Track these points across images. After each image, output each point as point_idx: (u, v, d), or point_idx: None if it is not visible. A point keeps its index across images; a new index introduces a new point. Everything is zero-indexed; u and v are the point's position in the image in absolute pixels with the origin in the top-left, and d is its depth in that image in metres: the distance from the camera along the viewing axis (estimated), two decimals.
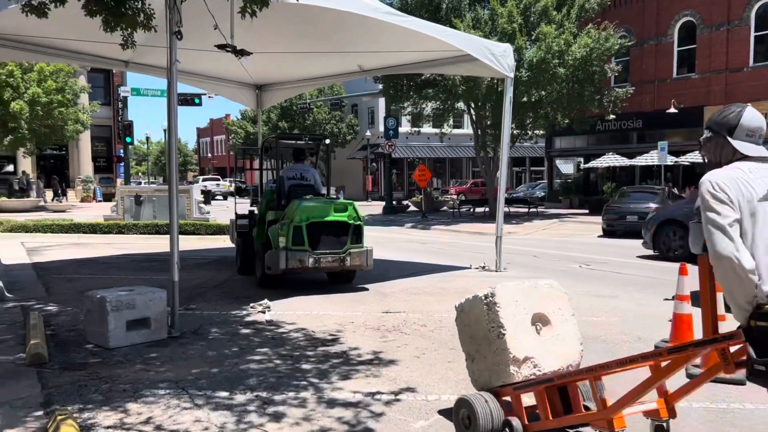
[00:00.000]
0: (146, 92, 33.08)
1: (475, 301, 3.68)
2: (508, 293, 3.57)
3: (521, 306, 3.57)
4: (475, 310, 3.65)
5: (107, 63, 11.22)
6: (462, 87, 23.30)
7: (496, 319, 3.49)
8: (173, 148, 5.89)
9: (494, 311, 3.51)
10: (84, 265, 10.65)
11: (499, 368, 3.48)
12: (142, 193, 16.88)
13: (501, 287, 3.59)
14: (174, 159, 5.89)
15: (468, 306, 3.76)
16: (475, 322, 3.66)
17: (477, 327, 3.64)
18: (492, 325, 3.51)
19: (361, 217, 8.25)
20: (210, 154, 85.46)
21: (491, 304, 3.53)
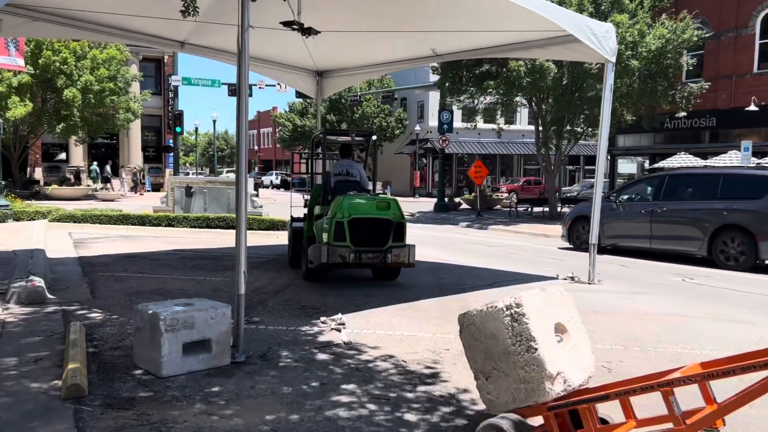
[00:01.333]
0: (197, 81, 32.65)
1: (490, 312, 3.37)
2: (534, 303, 3.28)
3: (545, 316, 3.32)
4: (492, 323, 3.35)
5: (162, 43, 10.40)
6: (526, 79, 21.92)
7: (526, 332, 3.20)
8: (243, 130, 4.90)
9: (522, 323, 3.21)
10: (132, 262, 9.85)
11: (530, 386, 3.17)
12: (193, 184, 16.14)
13: (526, 296, 3.30)
14: (244, 145, 4.90)
15: (480, 319, 3.42)
16: (491, 336, 3.34)
17: (494, 341, 3.34)
18: (518, 339, 3.24)
19: (403, 215, 8.16)
20: (256, 146, 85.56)
21: (518, 315, 3.24)
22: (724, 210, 11.22)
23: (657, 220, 12.13)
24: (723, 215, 11.20)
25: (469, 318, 3.52)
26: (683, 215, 11.76)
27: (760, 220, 10.69)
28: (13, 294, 6.58)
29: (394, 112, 48.34)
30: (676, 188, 12.33)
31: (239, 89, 4.89)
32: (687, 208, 11.79)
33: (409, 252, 8.12)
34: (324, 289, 7.91)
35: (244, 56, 4.85)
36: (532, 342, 3.18)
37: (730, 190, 11.30)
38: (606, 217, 12.39)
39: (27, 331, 5.40)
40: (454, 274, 9.61)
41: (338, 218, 7.90)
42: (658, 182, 12.84)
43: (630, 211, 12.82)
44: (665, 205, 12.08)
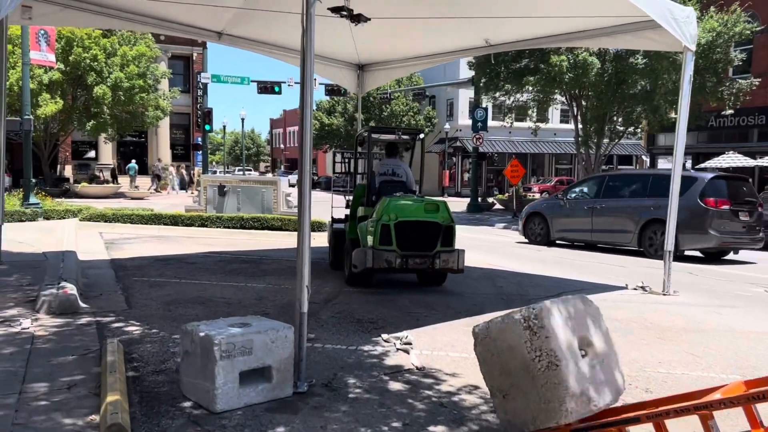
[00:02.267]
0: (226, 79, 32.25)
1: (507, 324, 3.14)
2: (555, 314, 3.04)
3: (569, 328, 3.07)
4: (509, 336, 3.12)
5: (200, 33, 9.83)
6: (569, 74, 21.05)
7: (546, 347, 2.97)
8: (308, 120, 4.24)
9: (541, 337, 2.98)
10: (167, 265, 9.29)
11: (551, 406, 2.92)
12: (227, 183, 15.61)
13: (546, 306, 3.06)
14: (309, 139, 4.24)
15: (496, 330, 3.19)
16: (508, 350, 3.12)
17: (511, 356, 3.11)
18: (537, 354, 3.00)
19: (453, 218, 7.77)
20: (282, 145, 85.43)
21: (537, 328, 3.00)
22: (651, 206, 12.32)
23: (597, 215, 13.45)
24: (650, 210, 12.32)
25: (484, 330, 3.26)
26: (618, 211, 13.02)
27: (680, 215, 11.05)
28: (43, 302, 6.02)
29: (423, 110, 47.59)
30: (613, 187, 13.71)
31: (304, 74, 4.24)
32: (622, 205, 13.06)
33: (458, 257, 7.67)
34: (374, 297, 7.25)
35: (308, 36, 4.19)
36: (554, 357, 2.94)
37: (658, 189, 12.09)
38: (555, 214, 14.18)
39: (59, 348, 4.81)
40: (511, 282, 8.87)
41: (384, 221, 7.51)
42: (599, 182, 14.31)
43: (575, 207, 14.04)
44: (604, 202, 13.39)
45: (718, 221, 11.88)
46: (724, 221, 11.95)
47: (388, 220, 7.51)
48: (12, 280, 7.38)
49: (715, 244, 12.06)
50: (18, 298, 6.50)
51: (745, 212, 12.25)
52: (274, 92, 32.96)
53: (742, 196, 12.49)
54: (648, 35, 8.21)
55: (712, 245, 12.11)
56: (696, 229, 11.87)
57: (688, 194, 11.73)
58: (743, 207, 12.29)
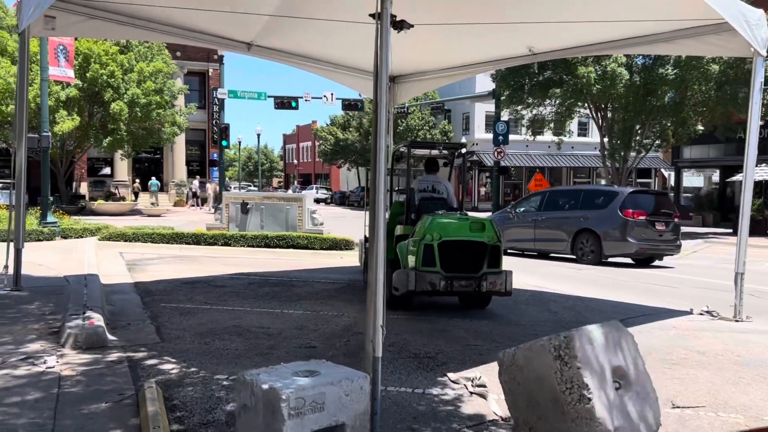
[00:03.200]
0: (243, 95, 31.93)
1: (535, 352, 2.96)
2: (588, 343, 2.87)
3: (603, 359, 2.87)
4: (537, 365, 2.92)
5: (229, 45, 9.36)
6: (597, 86, 20.46)
7: (578, 378, 2.76)
8: (382, 131, 3.69)
9: (573, 367, 2.77)
10: (195, 289, 8.75)
11: None
12: (250, 200, 15.11)
13: (578, 335, 2.90)
14: (383, 152, 3.69)
15: (524, 358, 3.03)
16: (536, 380, 2.93)
17: (539, 386, 2.90)
18: (568, 386, 2.76)
19: (500, 238, 7.32)
20: (296, 160, 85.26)
21: (568, 358, 2.79)
22: (581, 217, 13.91)
23: (538, 226, 14.75)
24: (581, 221, 13.86)
25: (510, 357, 3.09)
26: (556, 222, 14.34)
27: (604, 225, 13.49)
28: (69, 336, 5.48)
29: (439, 124, 47.11)
30: (553, 201, 15.12)
31: (378, 75, 3.70)
32: (559, 217, 14.33)
33: (506, 279, 7.18)
34: (424, 326, 6.65)
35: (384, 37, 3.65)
36: (585, 390, 2.78)
37: (588, 202, 14.16)
38: (505, 226, 14.84)
39: (89, 393, 4.26)
40: (565, 306, 8.24)
41: (427, 241, 7.07)
42: (542, 196, 15.66)
43: (521, 220, 15.27)
44: (545, 214, 14.65)
45: (636, 230, 13.27)
46: (641, 230, 13.32)
47: (431, 239, 7.06)
48: (33, 308, 6.86)
49: (634, 251, 13.40)
50: (40, 329, 5.97)
51: (661, 222, 13.60)
52: (291, 107, 32.60)
53: (659, 208, 13.85)
54: (710, 40, 7.63)
55: (631, 252, 13.46)
56: (617, 238, 13.36)
57: (610, 206, 13.58)
58: (660, 218, 13.63)
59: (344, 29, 9.09)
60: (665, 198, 15.09)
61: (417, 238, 7.27)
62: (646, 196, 14.55)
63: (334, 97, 33.10)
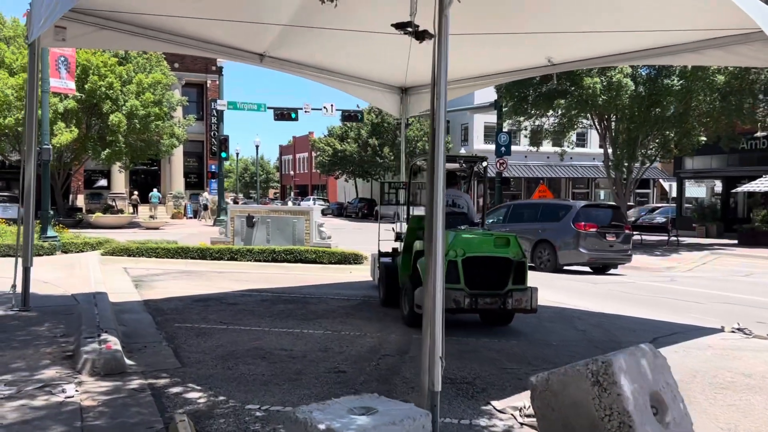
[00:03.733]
0: (242, 106, 31.68)
1: (572, 377, 2.86)
2: (626, 368, 2.77)
3: (639, 384, 2.78)
4: (574, 391, 2.82)
5: (241, 56, 9.12)
6: (602, 97, 20.34)
7: (618, 405, 2.67)
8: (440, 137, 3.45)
9: (612, 393, 2.69)
10: (208, 307, 8.46)
11: None
12: (256, 213, 14.84)
13: (617, 360, 2.78)
14: (441, 158, 3.45)
15: (559, 384, 2.91)
16: (572, 406, 2.82)
17: (576, 413, 2.79)
18: (607, 413, 2.68)
19: (524, 253, 7.14)
20: (292, 171, 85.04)
21: (607, 384, 2.70)
22: (539, 229, 14.93)
23: None
24: (539, 233, 14.87)
25: (544, 382, 3.00)
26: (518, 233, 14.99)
27: (558, 236, 14.55)
28: (86, 362, 5.18)
29: None
30: (517, 213, 16.17)
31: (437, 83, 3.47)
32: (521, 228, 14.56)
33: (531, 296, 7.00)
34: (454, 347, 6.37)
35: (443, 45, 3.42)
36: (626, 417, 2.70)
37: (546, 215, 15.28)
38: None
39: (115, 426, 3.97)
40: (591, 324, 8.00)
41: (451, 257, 6.82)
42: (507, 209, 16.79)
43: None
44: (509, 225, 14.95)
45: (587, 241, 14.28)
46: (593, 241, 14.33)
47: (454, 255, 6.84)
48: (44, 330, 6.57)
49: (586, 260, 14.43)
50: (54, 353, 5.68)
51: (612, 234, 14.60)
52: (291, 119, 32.40)
53: (610, 220, 14.86)
54: (740, 50, 7.42)
55: (583, 261, 14.46)
56: (570, 248, 14.38)
57: (564, 219, 14.69)
58: (610, 230, 14.63)
59: (359, 40, 8.89)
60: (617, 211, 16.08)
61: None
62: (598, 209, 15.61)
63: (333, 108, 32.93)
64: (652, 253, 20.87)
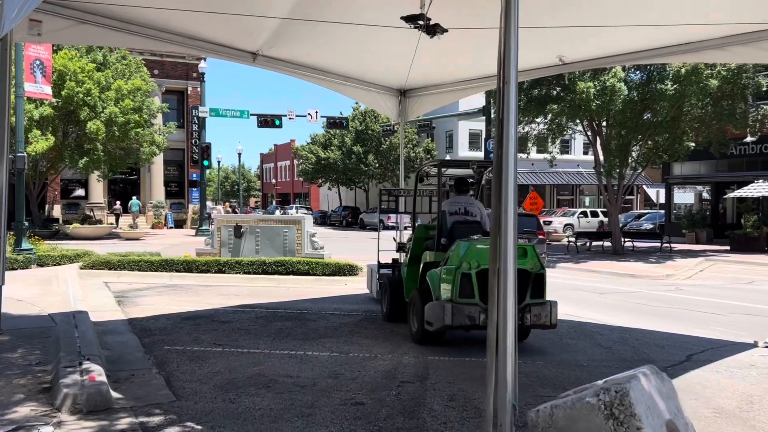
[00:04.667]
0: (225, 113, 30.93)
1: (580, 410, 2.58)
2: (641, 395, 2.48)
3: (655, 414, 2.52)
4: (584, 425, 2.52)
5: (232, 54, 8.49)
6: (596, 102, 19.98)
7: None
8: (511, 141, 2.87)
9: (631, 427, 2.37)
10: (198, 326, 7.78)
11: None
12: (243, 223, 14.15)
13: (630, 387, 2.45)
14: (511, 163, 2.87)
15: (566, 418, 2.61)
16: None
17: None
18: None
19: (543, 264, 6.66)
20: (274, 179, 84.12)
21: (624, 416, 2.40)
22: None
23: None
24: None
25: (547, 417, 2.71)
26: None
27: None
28: (65, 397, 4.51)
29: (422, 142, 46.56)
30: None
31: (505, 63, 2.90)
32: None
33: (551, 311, 6.55)
34: (475, 370, 5.80)
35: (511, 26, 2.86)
36: None
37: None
38: None
39: None
40: (615, 339, 7.46)
41: (464, 269, 6.40)
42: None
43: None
44: None
45: None
46: None
47: (468, 268, 6.40)
48: (17, 356, 5.86)
49: None
50: (28, 385, 4.99)
51: (524, 239, 14.36)
52: (275, 126, 31.72)
53: (521, 226, 14.72)
54: None
55: None
56: None
57: None
58: (522, 236, 14.58)
59: (359, 38, 8.34)
60: (530, 218, 16.81)
61: (452, 266, 6.60)
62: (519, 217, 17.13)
63: (318, 115, 32.28)
64: (647, 260, 20.51)
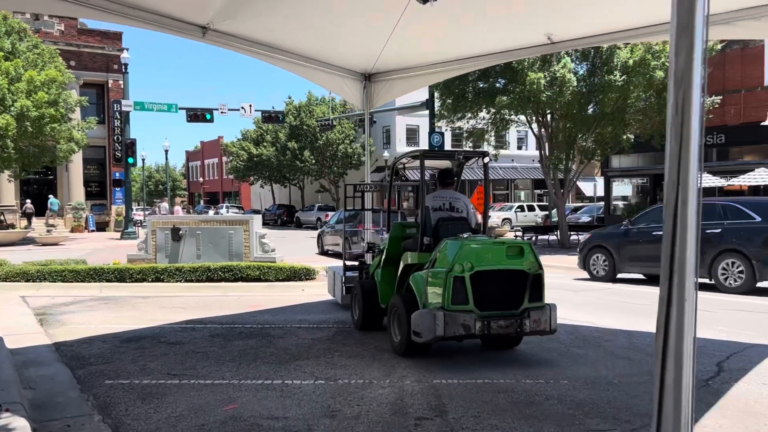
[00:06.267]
0: (151, 107, 28.87)
1: None
2: None
3: None
4: None
5: (177, 28, 7.17)
6: (546, 93, 19.55)
7: None
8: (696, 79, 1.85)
9: None
10: (144, 349, 6.49)
11: None
12: (182, 225, 12.70)
13: None
14: (696, 120, 1.86)
15: None
16: None
17: None
18: None
19: (541, 264, 5.94)
20: (201, 178, 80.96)
21: None
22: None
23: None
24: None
25: None
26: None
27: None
28: None
29: (359, 138, 45.52)
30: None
31: None
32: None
33: (550, 315, 5.89)
34: (497, 397, 4.85)
35: None
36: None
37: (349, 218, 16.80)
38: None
39: None
40: (626, 347, 6.71)
41: (457, 272, 5.63)
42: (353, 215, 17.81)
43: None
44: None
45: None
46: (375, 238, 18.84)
47: (461, 270, 5.63)
48: None
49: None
50: None
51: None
52: (206, 120, 29.89)
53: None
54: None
55: None
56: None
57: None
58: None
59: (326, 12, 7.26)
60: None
61: (441, 268, 5.76)
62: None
63: (252, 109, 30.70)
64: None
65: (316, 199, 50.22)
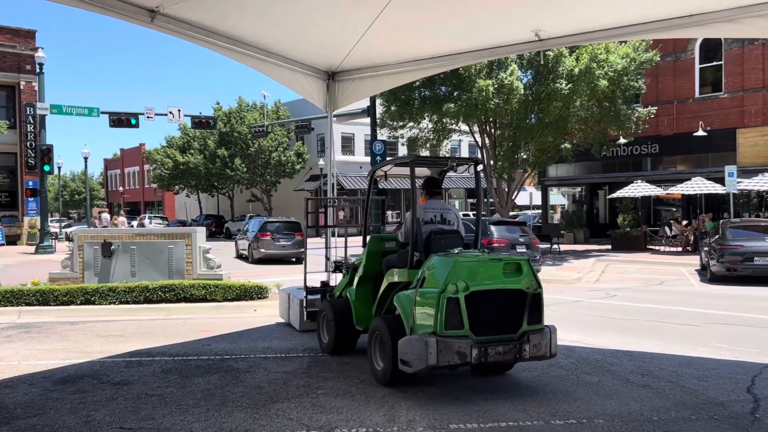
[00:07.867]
0: (70, 110, 26.65)
1: None
2: None
3: None
4: None
5: (122, 11, 6.07)
6: (494, 101, 19.22)
7: None
8: None
9: None
10: (83, 393, 5.34)
11: None
12: (114, 239, 11.33)
13: None
14: None
15: None
16: None
17: None
18: None
19: (540, 282, 5.40)
20: (121, 187, 77.02)
21: None
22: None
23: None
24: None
25: None
26: None
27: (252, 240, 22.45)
28: None
29: (293, 146, 44.24)
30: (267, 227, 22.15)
31: None
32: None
33: (551, 338, 5.37)
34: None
35: None
36: None
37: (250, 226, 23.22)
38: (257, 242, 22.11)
39: None
40: (636, 371, 6.11)
41: (450, 293, 5.05)
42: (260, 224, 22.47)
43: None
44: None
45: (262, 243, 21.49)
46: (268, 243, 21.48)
47: (455, 291, 5.05)
48: None
49: (262, 256, 21.41)
50: None
51: (285, 239, 21.70)
52: (130, 125, 27.93)
53: (281, 230, 21.96)
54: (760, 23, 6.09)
55: (260, 256, 21.38)
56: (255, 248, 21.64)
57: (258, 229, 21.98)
58: (282, 237, 21.68)
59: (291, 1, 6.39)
60: (294, 224, 22.34)
61: (432, 288, 5.14)
62: (272, 222, 22.79)
63: (181, 114, 29.01)
64: (543, 262, 20.10)
65: (247, 209, 48.47)
